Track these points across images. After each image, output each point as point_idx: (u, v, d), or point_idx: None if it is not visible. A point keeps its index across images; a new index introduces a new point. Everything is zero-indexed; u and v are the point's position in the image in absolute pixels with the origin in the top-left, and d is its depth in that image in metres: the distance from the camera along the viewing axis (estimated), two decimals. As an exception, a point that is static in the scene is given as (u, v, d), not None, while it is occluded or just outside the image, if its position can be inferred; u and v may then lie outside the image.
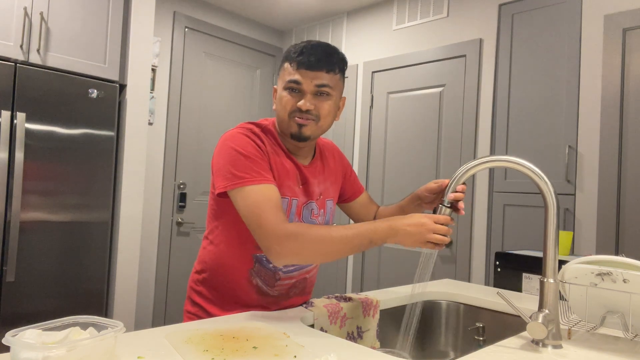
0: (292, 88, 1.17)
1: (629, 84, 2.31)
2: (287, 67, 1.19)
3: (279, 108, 1.20)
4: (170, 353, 0.84)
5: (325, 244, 1.05)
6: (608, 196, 2.32)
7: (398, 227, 1.05)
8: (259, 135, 1.19)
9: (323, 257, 1.09)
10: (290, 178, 1.21)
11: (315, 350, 0.89)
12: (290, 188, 1.20)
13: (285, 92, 1.18)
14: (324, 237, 1.05)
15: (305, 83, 1.16)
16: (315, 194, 1.28)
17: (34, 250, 2.28)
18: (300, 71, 1.16)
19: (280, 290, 1.25)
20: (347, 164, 1.46)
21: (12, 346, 0.68)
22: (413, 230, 1.04)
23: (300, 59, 1.16)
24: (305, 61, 1.15)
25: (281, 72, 1.21)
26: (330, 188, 1.35)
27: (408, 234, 1.04)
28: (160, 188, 3.35)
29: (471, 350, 0.98)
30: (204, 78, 3.59)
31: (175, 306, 3.43)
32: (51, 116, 2.32)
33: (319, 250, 1.06)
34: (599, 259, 1.07)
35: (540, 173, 1.01)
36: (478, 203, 2.80)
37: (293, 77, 1.16)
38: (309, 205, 1.25)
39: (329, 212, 1.33)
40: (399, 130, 3.25)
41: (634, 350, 1.00)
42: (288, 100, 1.17)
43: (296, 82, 1.16)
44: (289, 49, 1.22)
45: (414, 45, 3.21)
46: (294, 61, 1.17)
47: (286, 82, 1.17)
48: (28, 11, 2.28)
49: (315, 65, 1.15)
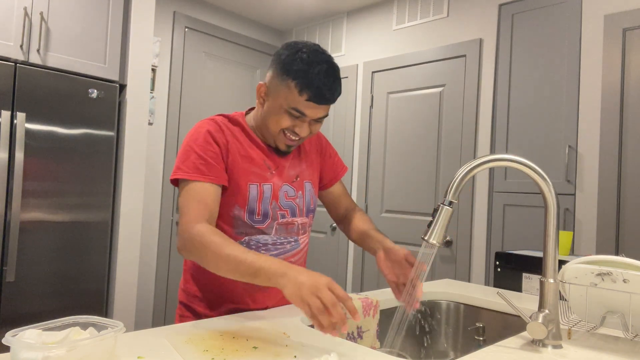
0: (294, 115, 1.14)
1: (629, 84, 2.31)
2: (293, 91, 1.11)
3: (271, 122, 1.17)
4: (170, 353, 0.84)
5: (213, 255, 1.03)
6: (608, 196, 2.32)
7: (280, 278, 0.93)
8: (222, 125, 1.20)
9: (212, 268, 1.05)
10: (257, 165, 1.22)
11: (315, 350, 0.89)
12: (257, 174, 1.21)
13: (284, 113, 1.14)
14: (215, 248, 1.03)
15: (310, 115, 1.14)
16: (290, 176, 1.28)
17: (34, 250, 2.28)
18: (309, 103, 1.11)
19: None
20: (325, 143, 1.43)
21: (12, 346, 0.68)
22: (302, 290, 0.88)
23: (311, 94, 1.10)
24: (317, 96, 1.10)
25: (281, 84, 1.12)
26: (306, 170, 1.33)
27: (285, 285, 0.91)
28: (160, 188, 3.35)
29: (471, 350, 0.98)
30: (204, 78, 3.59)
31: (175, 306, 3.43)
32: (51, 116, 2.32)
33: (207, 259, 1.05)
34: (599, 259, 1.07)
35: (541, 172, 1.01)
36: (478, 203, 2.80)
37: (299, 108, 1.12)
38: (283, 188, 1.25)
39: (308, 194, 1.32)
40: (399, 130, 3.25)
41: (634, 350, 1.00)
42: (285, 121, 1.15)
43: (302, 113, 1.13)
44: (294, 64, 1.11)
45: (414, 45, 3.21)
46: (305, 92, 1.10)
47: (290, 107, 1.12)
48: (28, 11, 2.28)
49: (324, 101, 1.12)
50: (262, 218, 1.22)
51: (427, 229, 1.05)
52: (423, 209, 3.08)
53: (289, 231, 1.27)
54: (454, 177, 1.06)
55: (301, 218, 1.29)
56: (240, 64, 3.83)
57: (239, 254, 1.00)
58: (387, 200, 3.27)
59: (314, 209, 1.35)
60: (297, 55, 1.12)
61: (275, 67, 1.15)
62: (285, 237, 1.26)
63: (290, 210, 1.27)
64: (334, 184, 1.43)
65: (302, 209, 1.30)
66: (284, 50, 1.15)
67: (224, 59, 3.73)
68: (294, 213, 1.27)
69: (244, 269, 0.98)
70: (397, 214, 3.22)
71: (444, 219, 1.04)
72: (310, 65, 1.10)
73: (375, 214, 3.34)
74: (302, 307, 0.89)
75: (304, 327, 1.06)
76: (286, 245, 1.27)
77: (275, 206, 1.23)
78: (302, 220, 1.30)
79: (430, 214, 2.85)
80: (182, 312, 1.28)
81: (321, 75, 1.10)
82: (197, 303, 1.26)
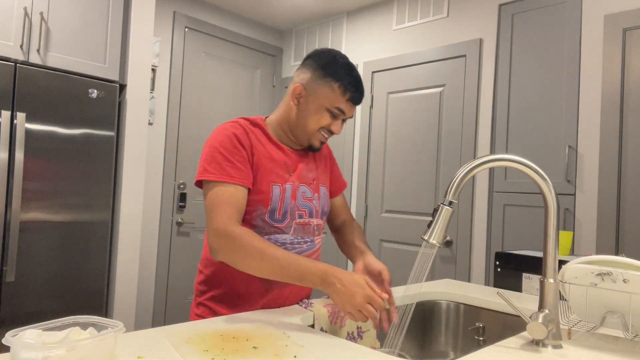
0: (334, 113, 1.25)
1: (629, 84, 2.31)
2: (337, 91, 1.23)
3: (310, 121, 1.26)
4: (170, 353, 0.84)
5: (255, 258, 1.08)
6: (608, 196, 2.32)
7: (331, 280, 1.05)
8: (246, 128, 1.25)
9: (251, 269, 1.10)
10: (279, 166, 1.26)
11: (315, 350, 0.89)
12: (279, 175, 1.25)
13: (326, 112, 1.25)
14: (257, 251, 1.08)
15: (348, 114, 1.27)
16: (308, 178, 1.33)
17: (34, 250, 2.28)
18: (349, 104, 1.25)
19: None
20: (332, 156, 1.52)
21: (12, 346, 0.68)
22: (344, 290, 1.03)
23: (355, 95, 1.24)
24: (357, 97, 1.25)
25: (324, 87, 1.23)
26: (322, 175, 1.40)
27: (337, 291, 1.04)
28: (160, 188, 3.35)
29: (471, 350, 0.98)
30: (204, 78, 3.59)
31: (175, 306, 3.43)
32: (51, 116, 2.32)
33: (247, 260, 1.09)
34: (599, 259, 1.07)
35: (541, 172, 1.01)
36: (478, 203, 2.80)
37: (342, 107, 1.25)
38: (300, 188, 1.29)
39: (323, 197, 1.36)
40: (399, 130, 3.25)
41: (634, 350, 1.00)
42: (325, 120, 1.26)
43: (342, 111, 1.26)
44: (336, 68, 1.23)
45: (414, 45, 3.22)
46: (349, 93, 1.23)
47: (332, 107, 1.24)
48: (28, 11, 2.28)
49: (360, 101, 1.28)
50: (282, 217, 1.25)
51: (427, 229, 1.05)
52: (423, 209, 3.08)
53: (306, 231, 1.30)
54: (454, 177, 1.06)
55: (317, 219, 1.33)
56: (240, 64, 3.83)
57: (283, 256, 1.07)
58: (387, 200, 3.27)
59: (327, 212, 1.40)
60: (336, 60, 1.25)
61: (314, 69, 1.26)
62: (302, 237, 1.29)
63: (308, 210, 1.30)
64: (335, 196, 1.49)
65: (318, 211, 1.34)
66: (319, 56, 1.28)
67: (224, 59, 3.73)
68: (311, 214, 1.31)
69: (289, 274, 1.07)
70: (397, 214, 3.22)
71: (444, 219, 1.04)
72: (351, 70, 1.25)
73: (375, 214, 3.34)
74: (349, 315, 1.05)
75: (304, 327, 1.06)
76: (303, 245, 1.29)
77: (294, 206, 1.27)
78: (317, 222, 1.33)
79: (430, 214, 2.85)
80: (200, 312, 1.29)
81: (359, 79, 1.26)
82: (215, 304, 1.27)
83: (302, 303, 1.26)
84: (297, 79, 1.28)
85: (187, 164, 3.49)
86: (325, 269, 1.06)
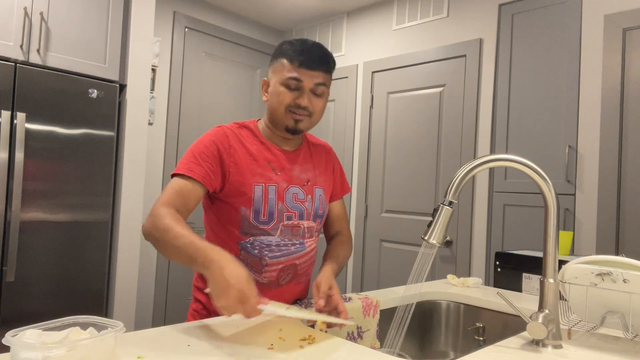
0: (291, 85, 1.22)
1: (629, 84, 2.31)
2: (286, 64, 1.23)
3: (275, 102, 1.25)
4: (170, 353, 0.84)
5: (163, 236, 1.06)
6: (608, 196, 2.32)
7: (210, 266, 0.95)
8: (229, 132, 1.26)
9: (163, 251, 1.08)
10: (261, 166, 1.26)
11: (314, 350, 0.89)
12: (262, 175, 1.25)
13: (282, 87, 1.23)
14: (165, 229, 1.05)
15: (305, 81, 1.22)
16: (302, 179, 1.31)
17: (34, 250, 2.28)
18: (301, 70, 1.21)
19: (269, 278, 1.26)
20: (335, 158, 1.49)
21: (12, 346, 0.68)
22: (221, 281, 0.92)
23: (301, 59, 1.21)
24: (307, 60, 1.21)
25: (277, 66, 1.25)
26: (320, 176, 1.37)
27: (214, 279, 0.94)
28: (160, 188, 3.35)
29: (471, 350, 0.98)
30: (204, 78, 3.59)
31: (175, 306, 3.43)
32: (51, 116, 2.32)
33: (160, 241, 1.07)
34: (599, 259, 1.07)
35: (541, 172, 1.01)
36: (478, 203, 2.80)
37: (293, 75, 1.22)
38: (290, 189, 1.28)
39: (318, 199, 1.33)
40: (399, 130, 3.25)
41: (634, 350, 1.00)
42: (286, 96, 1.23)
43: (297, 79, 1.22)
44: (284, 46, 1.26)
45: (414, 45, 3.22)
46: (295, 60, 1.22)
47: (285, 79, 1.22)
48: (28, 11, 2.28)
49: (316, 65, 1.22)
50: (268, 219, 1.23)
51: (427, 229, 1.05)
52: (423, 209, 3.08)
53: (294, 233, 1.28)
54: (454, 177, 1.06)
55: (308, 222, 1.30)
56: (240, 64, 3.83)
57: (183, 239, 1.02)
58: (387, 200, 3.27)
59: (323, 214, 1.36)
60: (285, 42, 1.27)
61: (272, 59, 1.29)
62: (290, 239, 1.27)
63: (298, 212, 1.28)
64: (334, 201, 1.45)
65: (310, 213, 1.31)
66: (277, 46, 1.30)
67: (224, 59, 3.73)
68: (301, 216, 1.29)
69: (184, 255, 1.01)
70: (397, 214, 3.22)
71: (444, 219, 1.04)
72: (300, 42, 1.25)
73: (375, 214, 3.34)
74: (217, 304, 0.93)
75: (304, 326, 1.06)
76: (290, 247, 1.27)
77: (282, 207, 1.25)
78: (308, 224, 1.31)
79: (430, 214, 2.85)
80: (195, 307, 1.31)
81: (310, 45, 1.24)
82: (208, 299, 1.27)
83: (302, 303, 1.26)
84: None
85: (187, 164, 3.48)
86: (210, 255, 0.97)
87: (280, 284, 1.28)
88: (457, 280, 1.62)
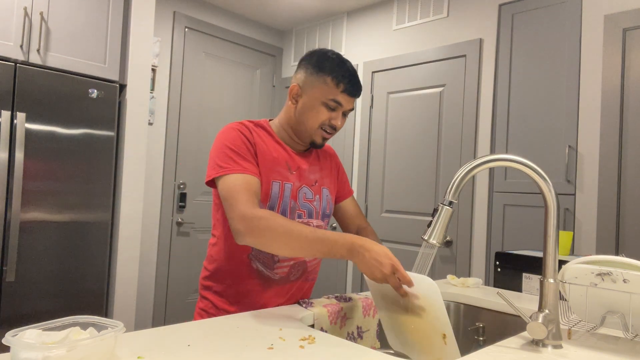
0: (331, 106, 1.26)
1: (629, 84, 2.31)
2: (330, 84, 1.25)
3: (309, 117, 1.28)
4: (170, 353, 0.84)
5: (283, 236, 1.09)
6: (608, 196, 2.32)
7: (358, 250, 1.07)
8: (249, 127, 1.29)
9: (280, 248, 1.12)
10: (280, 164, 1.29)
11: (314, 350, 0.89)
12: (280, 173, 1.28)
13: (322, 106, 1.26)
14: (285, 229, 1.09)
15: (345, 105, 1.28)
16: (310, 180, 1.35)
17: (34, 250, 2.28)
18: (344, 95, 1.26)
19: (280, 274, 1.30)
20: (339, 163, 1.54)
21: (12, 346, 0.68)
22: (372, 261, 1.06)
23: (347, 84, 1.25)
24: (351, 87, 1.26)
25: (317, 82, 1.26)
26: (326, 178, 1.42)
27: (365, 261, 1.07)
28: (160, 188, 3.35)
29: (471, 350, 0.98)
30: (204, 78, 3.59)
31: (175, 306, 3.43)
32: (51, 116, 2.32)
33: (276, 239, 1.10)
34: (599, 259, 1.07)
35: (541, 172, 1.01)
36: (478, 203, 2.80)
37: (337, 98, 1.26)
38: (302, 189, 1.32)
39: (325, 199, 1.38)
40: (399, 130, 3.25)
41: (634, 350, 1.00)
42: (324, 115, 1.27)
43: (339, 103, 1.26)
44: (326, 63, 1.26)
45: (414, 45, 3.21)
46: (341, 83, 1.25)
47: (328, 100, 1.25)
48: (28, 11, 2.28)
49: (357, 93, 1.29)
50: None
51: (427, 229, 1.05)
52: (423, 209, 3.08)
53: None
54: (454, 177, 1.06)
55: (317, 221, 1.35)
56: (240, 64, 3.83)
57: (309, 233, 1.09)
58: (387, 200, 3.27)
59: (329, 214, 1.41)
60: (327, 56, 1.28)
61: (307, 68, 1.29)
62: None
63: (307, 211, 1.32)
64: (344, 201, 1.51)
65: (319, 212, 1.36)
66: (311, 55, 1.31)
67: (224, 59, 3.73)
68: (310, 215, 1.33)
69: (317, 248, 1.09)
70: (397, 214, 3.22)
71: (444, 219, 1.04)
72: (343, 63, 1.27)
73: (375, 214, 3.34)
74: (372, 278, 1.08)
75: (304, 326, 1.06)
76: None
77: (294, 206, 1.29)
78: (317, 223, 1.35)
79: (430, 214, 2.85)
80: (203, 306, 1.33)
81: (352, 71, 1.28)
82: (217, 298, 1.31)
83: (302, 303, 1.26)
84: (293, 80, 1.32)
85: (187, 164, 3.49)
86: (352, 240, 1.08)
87: (289, 279, 1.32)
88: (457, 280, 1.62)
